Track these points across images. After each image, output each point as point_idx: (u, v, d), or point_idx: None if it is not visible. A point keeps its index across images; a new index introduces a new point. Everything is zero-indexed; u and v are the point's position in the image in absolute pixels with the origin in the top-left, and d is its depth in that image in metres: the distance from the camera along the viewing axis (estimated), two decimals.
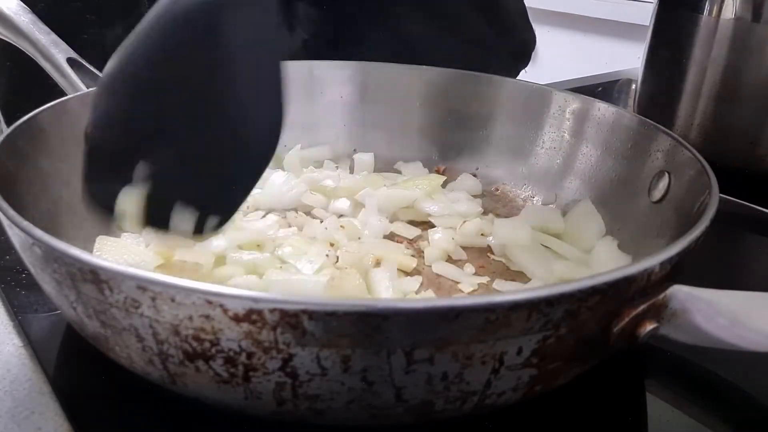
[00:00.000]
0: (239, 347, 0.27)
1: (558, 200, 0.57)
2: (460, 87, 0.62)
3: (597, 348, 0.31)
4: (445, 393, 0.28)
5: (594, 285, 0.27)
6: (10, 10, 0.54)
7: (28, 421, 0.33)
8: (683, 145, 0.46)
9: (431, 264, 0.48)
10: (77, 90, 0.52)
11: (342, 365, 0.27)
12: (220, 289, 0.26)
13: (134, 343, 0.29)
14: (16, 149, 0.42)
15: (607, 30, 1.84)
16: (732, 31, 0.63)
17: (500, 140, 0.61)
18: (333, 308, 0.25)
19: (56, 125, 0.47)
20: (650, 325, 0.30)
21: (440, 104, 0.63)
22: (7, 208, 0.31)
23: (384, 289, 0.43)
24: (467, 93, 0.62)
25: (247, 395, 0.29)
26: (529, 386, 0.30)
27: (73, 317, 0.32)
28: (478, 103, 0.62)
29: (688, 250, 0.31)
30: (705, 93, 0.66)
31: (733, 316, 0.30)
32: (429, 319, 0.26)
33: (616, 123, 0.54)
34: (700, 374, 0.39)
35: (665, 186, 0.46)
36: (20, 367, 0.36)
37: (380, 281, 0.44)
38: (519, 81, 0.62)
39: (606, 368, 0.35)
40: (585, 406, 0.36)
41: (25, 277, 0.43)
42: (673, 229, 0.43)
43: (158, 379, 0.31)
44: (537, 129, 0.59)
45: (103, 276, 0.27)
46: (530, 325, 0.27)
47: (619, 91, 0.99)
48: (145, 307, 0.27)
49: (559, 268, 0.47)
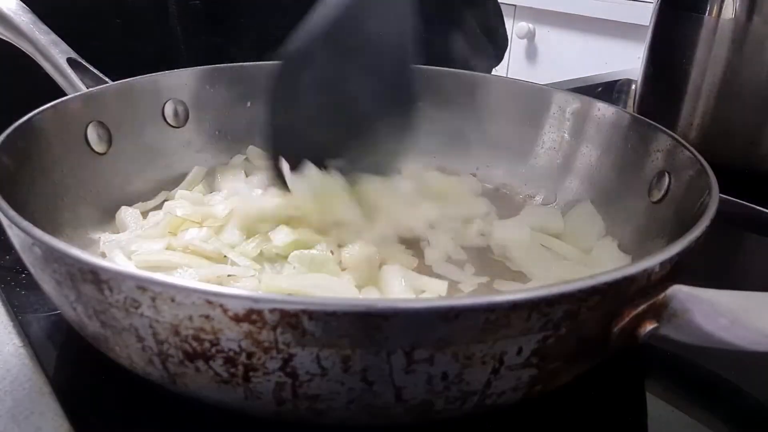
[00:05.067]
0: (239, 347, 0.27)
1: (558, 200, 0.57)
2: (459, 87, 0.62)
3: (597, 348, 0.31)
4: (445, 393, 0.28)
5: (594, 285, 0.27)
6: (10, 10, 0.54)
7: (28, 421, 0.33)
8: (683, 145, 0.46)
9: (431, 264, 0.48)
10: (77, 90, 0.52)
11: (342, 365, 0.27)
12: (220, 289, 0.26)
13: (134, 343, 0.29)
14: (16, 149, 0.42)
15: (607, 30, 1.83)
16: (732, 31, 0.62)
17: (500, 140, 0.61)
18: (333, 308, 0.25)
19: (56, 125, 0.47)
20: (650, 325, 0.30)
21: (440, 104, 0.63)
22: (7, 208, 0.31)
23: (398, 285, 0.43)
24: (467, 93, 0.62)
25: (247, 395, 0.29)
26: (529, 386, 0.30)
27: (73, 317, 0.32)
28: (477, 103, 0.62)
29: (688, 250, 0.31)
30: (705, 93, 0.66)
31: (733, 316, 0.30)
32: (429, 319, 0.26)
33: (616, 123, 0.54)
34: (700, 374, 0.39)
35: (665, 186, 0.46)
36: (20, 367, 0.36)
37: (392, 279, 0.44)
38: (519, 81, 0.62)
39: (606, 368, 0.35)
40: (585, 406, 0.36)
41: (25, 277, 0.43)
42: (673, 229, 0.42)
43: (158, 379, 0.31)
44: (537, 129, 0.59)
45: (103, 276, 0.27)
46: (530, 325, 0.27)
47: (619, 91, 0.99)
48: (145, 307, 0.27)
49: (559, 268, 0.47)
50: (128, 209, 0.51)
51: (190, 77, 0.59)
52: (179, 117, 0.59)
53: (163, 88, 0.57)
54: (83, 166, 0.49)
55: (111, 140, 0.52)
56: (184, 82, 0.58)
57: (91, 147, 0.51)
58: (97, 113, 0.51)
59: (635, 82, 0.78)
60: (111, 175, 0.52)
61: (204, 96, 0.60)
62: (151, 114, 0.57)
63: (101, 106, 0.52)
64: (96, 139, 0.51)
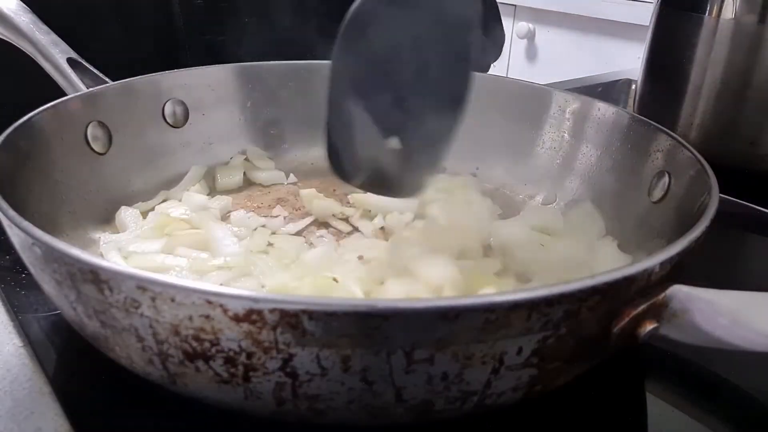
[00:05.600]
0: (239, 347, 0.27)
1: (558, 200, 0.57)
2: None
3: (597, 348, 0.31)
4: (445, 393, 0.28)
5: (594, 285, 0.27)
6: (10, 10, 0.54)
7: (28, 421, 0.33)
8: (683, 145, 0.46)
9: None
10: (77, 90, 0.52)
11: (342, 365, 0.27)
12: (220, 289, 0.26)
13: (134, 343, 0.29)
14: (16, 149, 0.42)
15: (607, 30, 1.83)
16: (732, 31, 0.63)
17: (500, 140, 0.61)
18: (333, 308, 0.25)
19: (56, 125, 0.47)
20: (650, 325, 0.30)
21: None
22: (7, 208, 0.31)
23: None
24: None
25: (247, 395, 0.29)
26: (529, 386, 0.30)
27: (73, 317, 0.32)
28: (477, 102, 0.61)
29: (688, 250, 0.31)
30: (705, 93, 0.66)
31: (733, 316, 0.30)
32: (429, 319, 0.26)
33: (616, 123, 0.54)
34: (700, 374, 0.39)
35: (665, 186, 0.46)
36: (20, 367, 0.36)
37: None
38: (519, 81, 0.62)
39: (606, 368, 0.35)
40: (585, 406, 0.36)
41: (25, 277, 0.43)
42: (673, 229, 0.42)
43: (158, 379, 0.31)
44: (537, 129, 0.59)
45: (103, 276, 0.27)
46: (530, 325, 0.27)
47: (619, 91, 0.99)
48: (145, 307, 0.27)
49: (559, 268, 0.47)
50: (128, 209, 0.51)
51: (190, 77, 0.59)
52: (179, 117, 0.59)
53: (163, 88, 0.57)
54: (83, 166, 0.49)
55: (111, 140, 0.52)
56: (184, 82, 0.58)
57: (91, 147, 0.51)
58: (97, 113, 0.51)
59: (635, 82, 0.78)
60: (111, 175, 0.52)
61: (204, 96, 0.60)
62: (151, 114, 0.57)
63: (101, 106, 0.52)
64: (96, 139, 0.51)
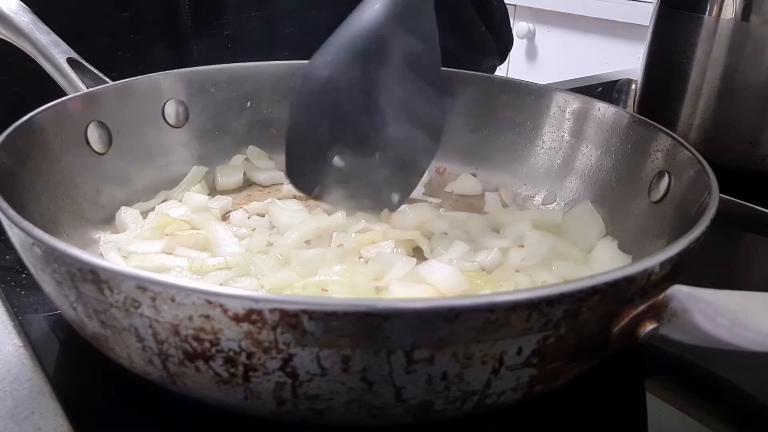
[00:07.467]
0: (239, 347, 0.27)
1: (558, 200, 0.57)
2: (459, 87, 0.62)
3: (597, 348, 0.31)
4: (445, 393, 0.28)
5: (594, 285, 0.27)
6: (10, 10, 0.54)
7: (28, 421, 0.33)
8: (683, 145, 0.46)
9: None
10: (77, 90, 0.52)
11: (342, 365, 0.27)
12: (220, 290, 0.26)
13: (134, 343, 0.29)
14: (16, 149, 0.42)
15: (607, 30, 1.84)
16: (732, 31, 0.62)
17: (500, 140, 0.61)
18: (333, 308, 0.25)
19: (56, 125, 0.47)
20: (650, 325, 0.30)
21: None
22: (7, 208, 0.31)
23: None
24: (467, 93, 0.62)
25: (247, 395, 0.29)
26: (529, 386, 0.30)
27: (73, 317, 0.32)
28: (478, 103, 0.62)
29: (688, 250, 0.31)
30: (705, 93, 0.66)
31: (733, 316, 0.30)
32: (429, 319, 0.26)
33: (616, 123, 0.54)
34: (700, 374, 0.39)
35: (665, 186, 0.46)
36: (20, 367, 0.36)
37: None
38: (519, 81, 0.62)
39: (606, 368, 0.35)
40: (585, 406, 0.36)
41: (25, 277, 0.43)
42: (673, 229, 0.42)
43: (158, 379, 0.31)
44: (537, 129, 0.59)
45: (103, 276, 0.27)
46: (530, 325, 0.27)
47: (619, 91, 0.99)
48: (145, 307, 0.27)
49: (559, 268, 0.47)
50: (128, 209, 0.51)
51: (190, 77, 0.59)
52: (179, 117, 0.59)
53: (163, 88, 0.57)
54: (83, 166, 0.49)
55: (111, 140, 0.52)
56: (184, 82, 0.58)
57: (91, 147, 0.51)
58: (97, 113, 0.51)
59: (635, 82, 0.78)
60: (111, 175, 0.52)
61: (204, 96, 0.60)
62: (151, 114, 0.57)
63: (101, 106, 0.52)
64: (96, 139, 0.51)
